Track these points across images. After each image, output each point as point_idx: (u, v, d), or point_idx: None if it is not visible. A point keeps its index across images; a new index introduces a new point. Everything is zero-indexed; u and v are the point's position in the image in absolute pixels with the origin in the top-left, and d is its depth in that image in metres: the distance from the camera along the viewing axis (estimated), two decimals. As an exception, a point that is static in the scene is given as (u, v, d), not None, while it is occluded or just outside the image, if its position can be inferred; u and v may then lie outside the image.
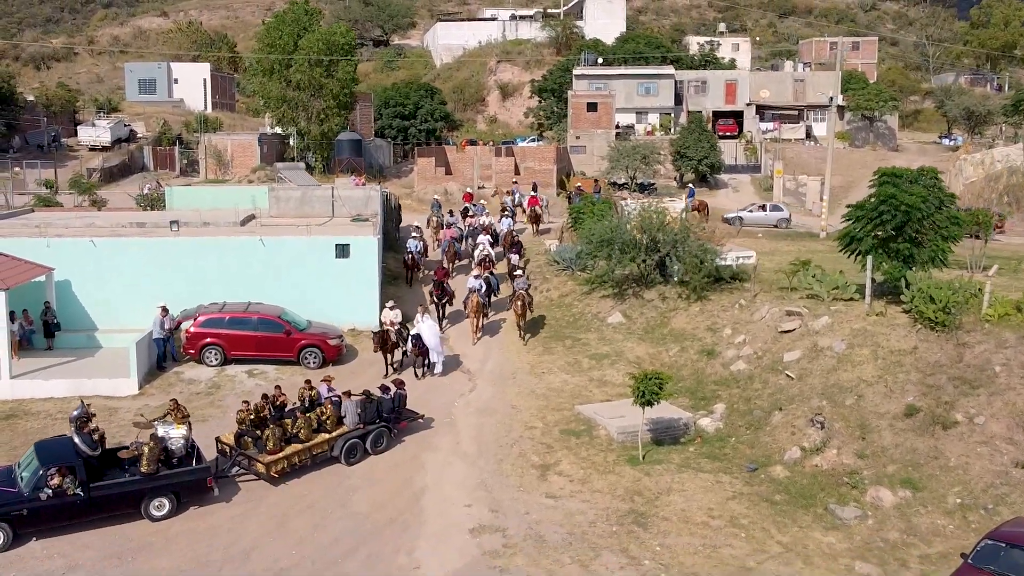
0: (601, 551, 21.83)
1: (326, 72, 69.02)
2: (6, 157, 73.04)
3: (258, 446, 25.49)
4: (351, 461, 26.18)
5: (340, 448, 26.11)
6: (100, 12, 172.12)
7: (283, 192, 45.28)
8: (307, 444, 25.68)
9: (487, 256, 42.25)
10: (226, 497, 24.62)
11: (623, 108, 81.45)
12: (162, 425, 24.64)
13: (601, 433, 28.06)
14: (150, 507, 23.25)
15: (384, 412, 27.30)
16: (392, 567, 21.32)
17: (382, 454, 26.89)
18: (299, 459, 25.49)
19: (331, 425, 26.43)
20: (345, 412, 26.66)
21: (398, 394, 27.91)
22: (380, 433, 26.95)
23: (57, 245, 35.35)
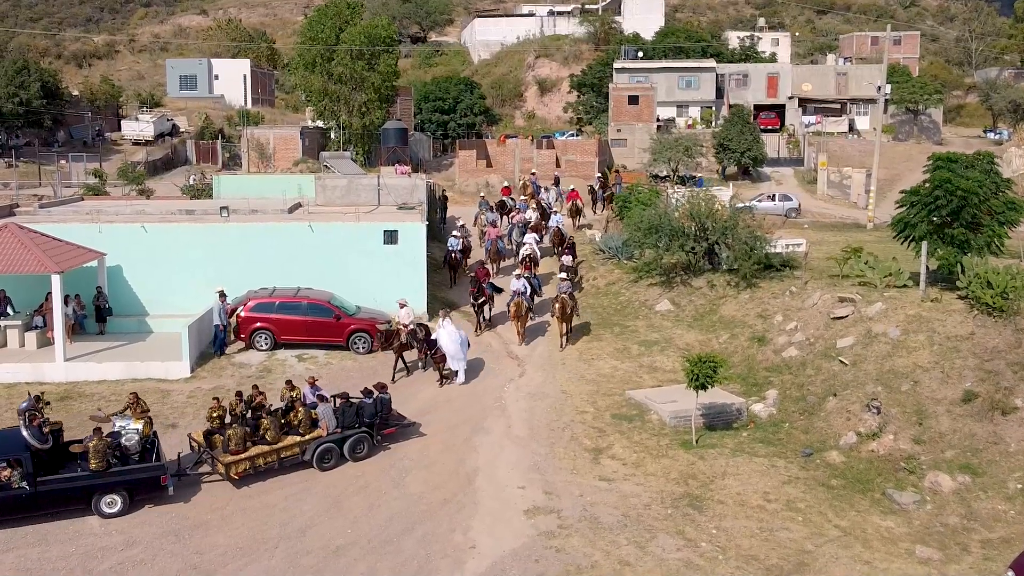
0: (657, 533, 21.71)
1: (367, 65, 69.20)
2: (52, 151, 73.90)
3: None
4: (324, 467, 24.92)
5: (312, 452, 24.90)
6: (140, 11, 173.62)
7: (329, 181, 45.40)
8: (274, 446, 24.59)
9: (529, 255, 40.48)
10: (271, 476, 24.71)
11: (664, 102, 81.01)
12: (120, 419, 24.13)
13: (653, 418, 27.91)
14: (101, 504, 22.58)
15: (365, 417, 25.84)
16: (447, 546, 21.29)
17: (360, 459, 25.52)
18: (264, 461, 24.44)
19: (304, 428, 25.18)
20: (321, 416, 25.39)
21: (380, 398, 26.32)
22: (359, 439, 25.58)
23: (109, 231, 35.63)
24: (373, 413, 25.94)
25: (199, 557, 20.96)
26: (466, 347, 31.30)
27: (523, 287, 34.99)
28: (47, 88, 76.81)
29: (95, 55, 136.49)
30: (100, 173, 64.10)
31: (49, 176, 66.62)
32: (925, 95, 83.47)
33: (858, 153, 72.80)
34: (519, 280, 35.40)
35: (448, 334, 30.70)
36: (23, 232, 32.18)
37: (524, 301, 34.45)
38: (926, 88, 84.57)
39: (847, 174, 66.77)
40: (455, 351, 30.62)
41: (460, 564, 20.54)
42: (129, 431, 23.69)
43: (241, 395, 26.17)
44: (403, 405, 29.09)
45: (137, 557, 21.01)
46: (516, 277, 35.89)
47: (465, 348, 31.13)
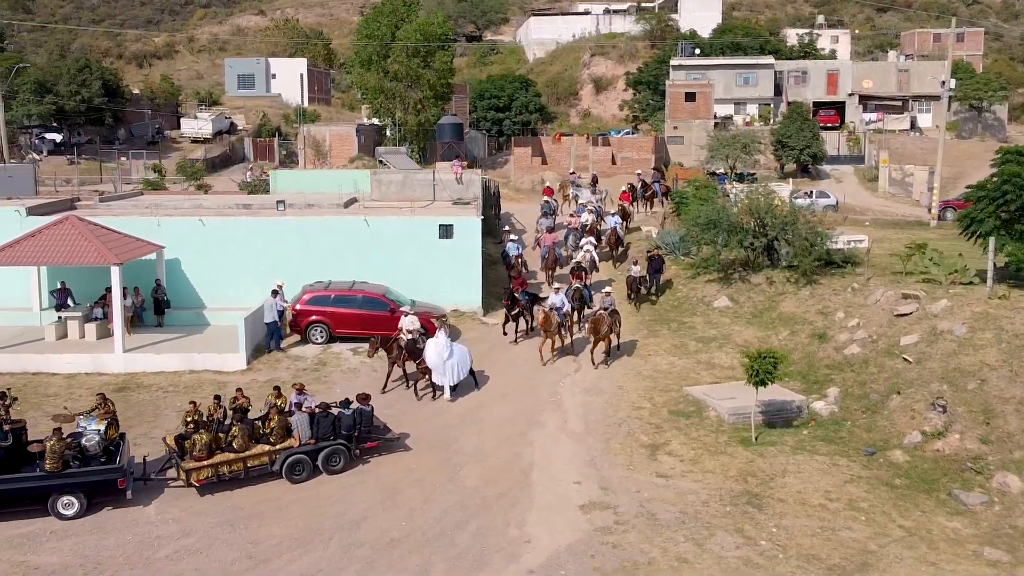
0: (716, 531, 21.35)
1: (423, 62, 69.23)
2: (112, 148, 74.94)
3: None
4: (294, 479, 23.87)
5: (281, 463, 23.89)
6: (199, 11, 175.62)
7: (385, 176, 45.38)
8: (240, 455, 23.66)
9: (581, 263, 38.34)
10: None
11: (721, 99, 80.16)
12: (84, 420, 23.61)
13: (711, 414, 27.50)
14: (57, 505, 22.17)
15: (343, 428, 24.61)
16: (503, 540, 21.08)
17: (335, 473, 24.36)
18: (229, 469, 23.56)
19: (275, 437, 24.14)
20: (295, 425, 24.29)
21: (359, 410, 25.00)
22: (335, 451, 24.34)
23: (167, 224, 35.91)
24: (351, 425, 24.68)
25: (254, 547, 20.96)
26: (461, 363, 29.20)
27: (560, 302, 32.53)
28: (108, 86, 77.91)
29: (155, 55, 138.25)
30: (159, 168, 64.88)
31: (110, 173, 67.53)
32: (989, 92, 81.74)
33: (920, 151, 71.50)
34: (557, 294, 32.97)
35: (434, 345, 29.00)
36: (83, 224, 32.51)
37: (557, 316, 31.88)
38: (990, 85, 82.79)
39: (909, 172, 65.58)
40: (438, 364, 28.84)
41: (515, 558, 20.32)
42: (90, 432, 23.17)
43: (219, 399, 25.64)
44: (460, 400, 29.02)
45: (193, 546, 21.06)
46: (555, 290, 33.70)
47: (456, 363, 29.02)
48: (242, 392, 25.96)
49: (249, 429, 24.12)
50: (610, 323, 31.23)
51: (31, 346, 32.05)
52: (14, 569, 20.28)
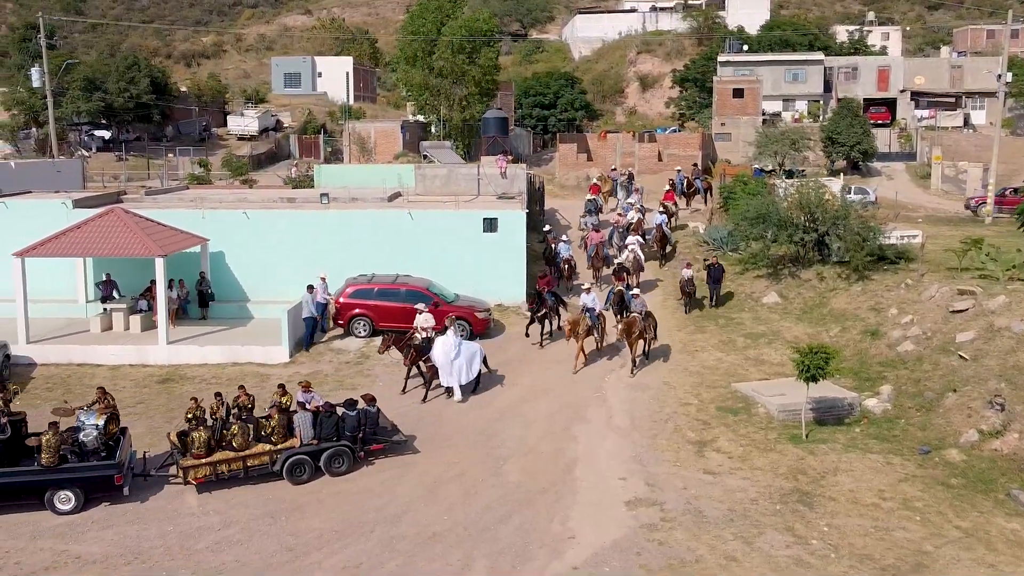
0: (765, 529, 20.84)
1: (468, 59, 68.87)
2: (160, 145, 75.49)
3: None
4: (296, 480, 23.27)
5: (281, 463, 23.33)
6: (247, 11, 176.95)
7: (429, 170, 45.13)
8: (240, 453, 23.20)
9: (624, 264, 36.95)
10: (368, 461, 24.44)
11: (769, 95, 79.09)
12: (83, 414, 23.30)
13: (760, 411, 26.94)
14: (54, 500, 21.93)
15: (347, 430, 23.94)
16: (546, 535, 20.70)
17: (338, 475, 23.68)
18: (228, 468, 23.12)
19: (276, 437, 23.63)
20: (297, 424, 23.78)
21: (364, 412, 24.28)
22: (338, 453, 23.68)
23: (212, 217, 35.92)
24: (355, 426, 23.98)
25: (294, 539, 20.78)
26: (469, 362, 28.37)
27: (592, 302, 31.37)
28: (156, 84, 78.45)
29: (203, 55, 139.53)
30: (205, 163, 65.22)
31: (157, 169, 68.03)
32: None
33: (974, 148, 70.13)
34: (589, 295, 31.70)
35: (442, 343, 28.18)
36: (128, 216, 32.58)
37: (588, 319, 30.66)
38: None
39: (962, 168, 64.27)
40: (445, 364, 28.07)
41: (559, 554, 19.94)
42: (88, 427, 22.90)
43: (221, 396, 25.28)
44: (503, 394, 28.66)
45: (234, 537, 20.94)
46: (586, 291, 32.21)
47: (463, 363, 28.20)
48: (245, 390, 25.51)
49: (254, 426, 23.72)
50: (643, 327, 29.92)
51: (76, 337, 32.16)
52: (56, 558, 20.29)
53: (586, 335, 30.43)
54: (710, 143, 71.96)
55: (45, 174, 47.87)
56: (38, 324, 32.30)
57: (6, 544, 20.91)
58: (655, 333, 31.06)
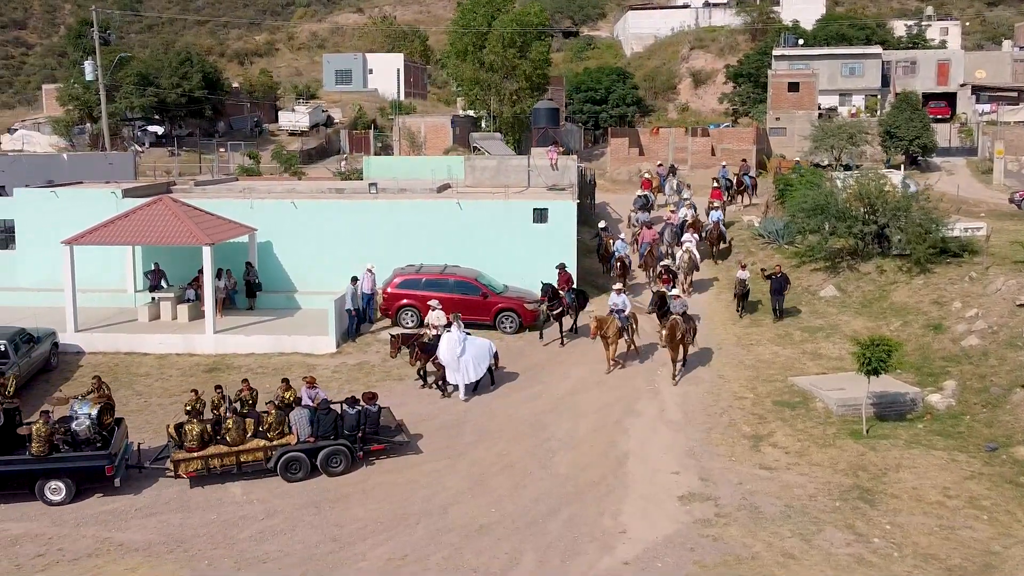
0: (824, 526, 20.13)
1: (519, 53, 68.38)
2: (212, 140, 75.80)
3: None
4: (290, 478, 22.72)
5: (276, 460, 22.76)
6: (299, 10, 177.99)
7: (479, 162, 44.61)
8: (233, 448, 22.71)
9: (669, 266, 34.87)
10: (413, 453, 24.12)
11: (825, 90, 77.57)
12: (78, 404, 22.95)
13: (818, 406, 26.10)
14: (44, 490, 21.76)
15: (345, 428, 23.26)
16: (596, 529, 20.16)
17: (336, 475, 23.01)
18: (220, 463, 22.66)
19: (273, 433, 23.05)
20: (294, 421, 23.10)
21: (364, 410, 23.54)
22: (335, 452, 23.01)
23: (260, 207, 35.70)
24: (354, 425, 23.31)
25: (338, 530, 20.49)
26: (477, 359, 27.42)
27: (622, 303, 29.69)
28: (208, 79, 78.77)
29: (256, 53, 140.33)
30: (255, 155, 65.31)
31: (208, 164, 68.26)
32: (1112, 82, 77.86)
33: (1037, 142, 68.24)
34: (619, 295, 29.91)
35: (448, 341, 27.26)
36: (176, 205, 32.46)
37: (618, 320, 29.16)
38: (1113, 75, 78.87)
39: (1025, 163, 62.59)
40: (451, 361, 27.14)
41: (609, 549, 19.40)
42: (81, 416, 22.56)
43: (222, 389, 24.82)
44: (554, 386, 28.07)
45: (277, 527, 20.71)
46: (616, 291, 30.33)
47: (469, 360, 27.27)
48: (248, 384, 25.12)
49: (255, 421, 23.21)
50: (684, 329, 28.20)
51: (124, 326, 32.06)
52: (99, 545, 20.24)
53: (617, 337, 29.11)
54: (764, 138, 70.76)
55: (97, 166, 48.08)
56: (88, 313, 32.40)
57: (50, 531, 20.87)
58: (693, 337, 29.37)
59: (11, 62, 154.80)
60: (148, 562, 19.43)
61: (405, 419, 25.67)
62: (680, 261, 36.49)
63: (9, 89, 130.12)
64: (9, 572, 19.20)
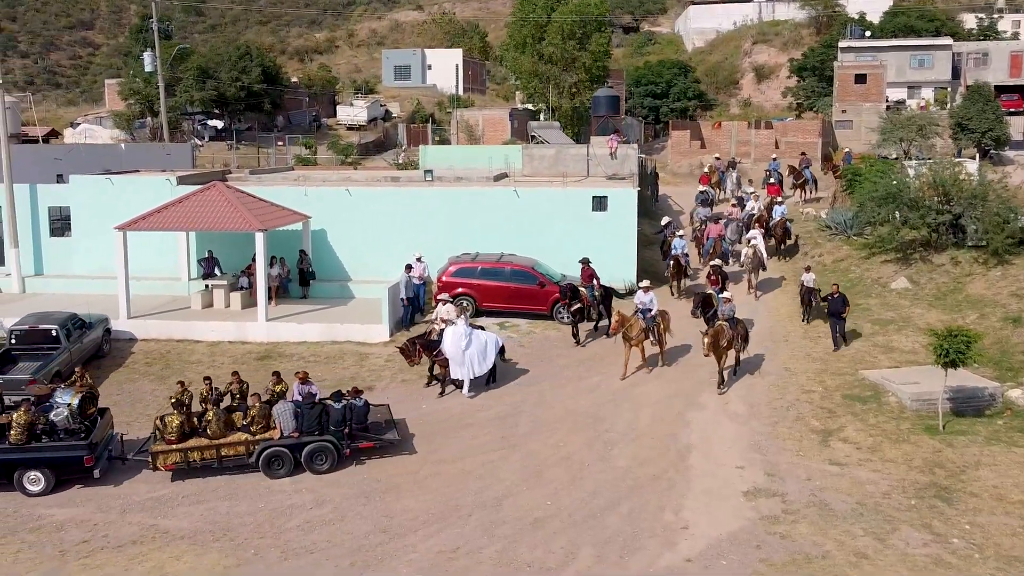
0: (899, 525, 19.06)
1: (579, 45, 67.45)
2: (270, 135, 75.91)
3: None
4: (273, 474, 21.89)
5: (257, 455, 21.92)
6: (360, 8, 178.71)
7: (537, 150, 43.76)
8: (214, 442, 22.05)
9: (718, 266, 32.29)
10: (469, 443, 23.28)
11: (893, 82, 75.52)
12: (60, 393, 22.38)
13: (891, 400, 24.91)
14: (24, 480, 21.30)
15: (331, 424, 22.35)
16: (656, 524, 19.26)
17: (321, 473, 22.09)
18: (200, 456, 21.97)
19: (256, 427, 22.27)
20: (276, 415, 22.24)
21: (350, 405, 22.59)
22: (321, 448, 22.08)
23: (315, 194, 35.22)
24: (340, 420, 22.37)
25: (388, 520, 19.85)
26: (482, 353, 26.23)
27: (649, 302, 27.90)
28: (267, 73, 78.90)
29: (316, 51, 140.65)
30: (311, 144, 65.13)
31: (266, 158, 68.27)
32: None
33: (1118, 136, 65.86)
34: (646, 294, 28.17)
35: (452, 334, 26.12)
36: (230, 191, 32.08)
37: (642, 320, 27.40)
38: None
39: (1106, 157, 60.23)
40: (456, 355, 25.99)
41: (671, 544, 18.49)
42: (60, 405, 22.04)
43: (210, 380, 24.00)
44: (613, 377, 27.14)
45: (326, 517, 20.16)
46: (643, 289, 28.54)
47: (474, 354, 26.10)
48: (239, 376, 24.36)
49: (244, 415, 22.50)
50: (731, 335, 26.22)
51: (178, 314, 31.75)
52: (144, 532, 19.86)
53: (641, 339, 27.33)
54: (830, 130, 69.09)
55: (155, 157, 48.07)
56: (142, 301, 32.23)
57: (95, 517, 20.53)
58: (745, 342, 27.17)
59: (79, 62, 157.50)
60: (193, 550, 18.96)
61: (457, 409, 24.99)
62: (745, 258, 34.76)
63: (76, 88, 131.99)
64: (53, 558, 18.88)
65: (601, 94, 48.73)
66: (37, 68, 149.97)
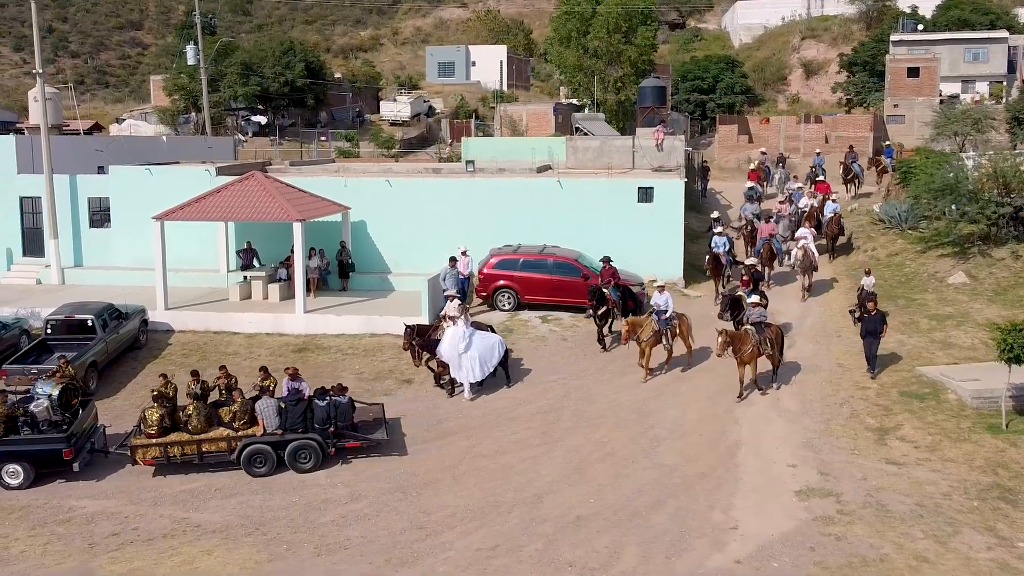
0: (961, 527, 18.11)
1: (624, 38, 66.48)
2: (314, 130, 75.74)
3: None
4: (254, 471, 21.35)
5: (239, 452, 21.39)
6: (404, 5, 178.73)
7: (581, 142, 42.91)
8: (195, 437, 21.50)
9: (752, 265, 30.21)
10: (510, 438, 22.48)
11: (947, 76, 73.75)
12: (41, 384, 21.82)
13: (950, 397, 23.81)
14: (2, 473, 20.92)
15: (316, 422, 21.71)
16: (705, 524, 18.44)
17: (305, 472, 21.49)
18: (180, 451, 21.43)
19: (238, 423, 21.72)
20: (259, 411, 21.74)
21: (334, 402, 21.91)
22: (305, 447, 21.47)
23: (354, 185, 34.68)
24: (324, 418, 21.71)
25: (426, 517, 19.23)
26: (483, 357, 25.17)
27: (665, 302, 26.52)
28: (311, 69, 78.72)
29: (360, 48, 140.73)
30: (352, 137, 64.76)
31: (309, 153, 68.06)
32: None
33: None
34: (661, 294, 26.73)
35: (451, 336, 25.10)
36: (268, 181, 31.63)
37: (656, 324, 25.98)
38: None
39: None
40: (453, 358, 25.00)
41: (720, 545, 17.69)
42: (41, 396, 21.48)
43: (197, 374, 23.40)
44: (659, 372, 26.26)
45: (361, 512, 19.62)
46: (659, 290, 27.09)
47: (474, 357, 25.04)
48: (226, 370, 23.72)
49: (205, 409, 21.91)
50: (757, 342, 24.36)
51: (216, 305, 31.38)
52: (175, 525, 19.46)
53: (654, 342, 25.92)
54: (881, 125, 67.59)
55: (196, 149, 47.81)
56: (180, 293, 31.96)
57: (126, 509, 20.16)
58: (775, 348, 25.06)
59: (128, 62, 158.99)
60: (224, 544, 18.49)
61: (498, 403, 24.31)
62: (795, 259, 32.90)
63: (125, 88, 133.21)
64: (82, 551, 18.51)
65: (647, 84, 47.72)
66: (87, 68, 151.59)
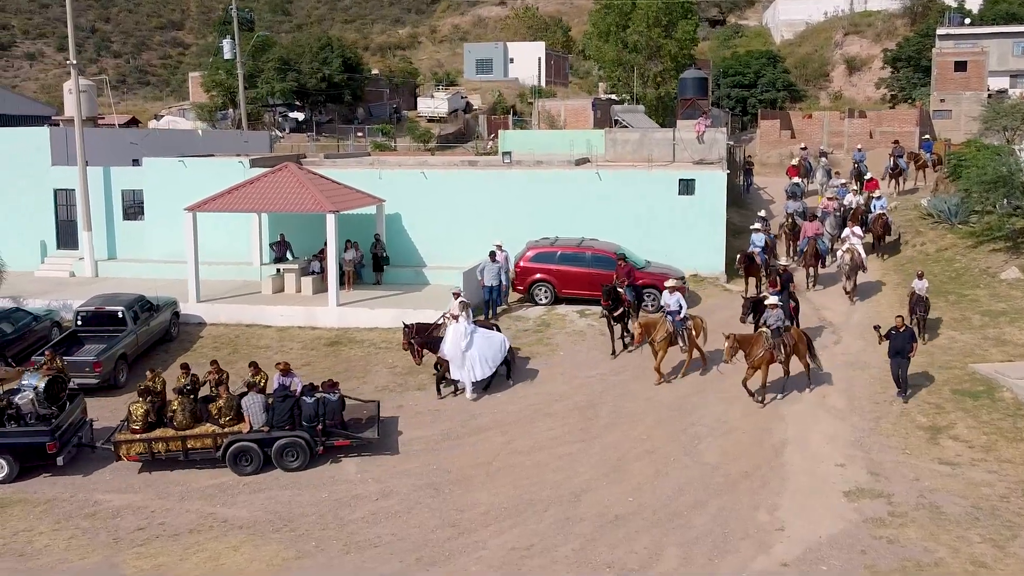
0: (1020, 531, 17.30)
1: (664, 32, 65.54)
2: (351, 127, 75.46)
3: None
4: (241, 470, 20.80)
5: (224, 449, 20.84)
6: (443, 3, 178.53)
7: (620, 135, 42.03)
8: (180, 433, 20.96)
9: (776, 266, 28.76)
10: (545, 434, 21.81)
11: (995, 71, 72.11)
12: (29, 376, 21.29)
13: (1006, 395, 22.84)
14: None
15: (304, 419, 21.08)
16: (749, 525, 17.69)
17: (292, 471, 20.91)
18: (165, 448, 20.93)
19: (225, 419, 21.19)
20: (245, 408, 21.17)
21: (323, 399, 21.27)
22: (292, 444, 20.88)
23: (389, 177, 34.12)
24: (312, 415, 21.07)
25: (459, 514, 18.63)
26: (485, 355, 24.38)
27: (676, 303, 25.11)
28: (348, 65, 78.44)
29: (398, 46, 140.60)
30: (389, 130, 64.32)
31: (345, 148, 67.76)
32: None
33: None
34: (672, 295, 25.22)
35: (453, 333, 24.29)
36: (302, 172, 31.16)
37: (670, 324, 24.76)
38: None
39: None
40: (455, 356, 24.19)
41: (765, 547, 16.94)
42: (26, 388, 20.97)
43: (188, 368, 22.76)
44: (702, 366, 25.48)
45: (392, 508, 19.07)
46: (670, 290, 25.49)
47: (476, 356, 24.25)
48: (218, 365, 23.08)
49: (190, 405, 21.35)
50: (770, 346, 23.22)
51: (248, 298, 30.94)
52: (202, 520, 19.02)
53: (667, 344, 24.83)
54: (927, 120, 66.14)
55: (232, 144, 47.48)
56: (213, 285, 31.61)
57: (153, 504, 19.74)
58: (811, 352, 24.16)
59: (169, 61, 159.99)
60: (251, 540, 18.02)
61: (534, 399, 23.63)
62: (841, 261, 31.15)
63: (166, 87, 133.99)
64: (107, 545, 18.14)
65: (688, 75, 46.66)
66: (129, 68, 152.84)
